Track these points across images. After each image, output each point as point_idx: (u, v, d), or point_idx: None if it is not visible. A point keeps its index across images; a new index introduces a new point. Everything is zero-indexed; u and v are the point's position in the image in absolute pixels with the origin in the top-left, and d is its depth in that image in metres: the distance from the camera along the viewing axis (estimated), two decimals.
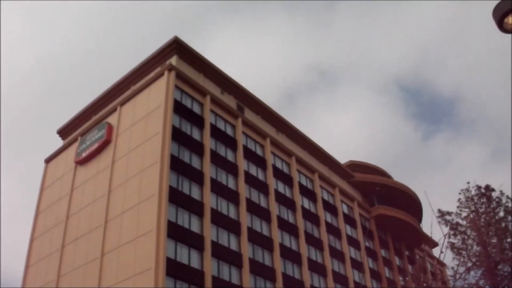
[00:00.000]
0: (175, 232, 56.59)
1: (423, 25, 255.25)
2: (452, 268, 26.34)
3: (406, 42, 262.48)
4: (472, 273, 27.48)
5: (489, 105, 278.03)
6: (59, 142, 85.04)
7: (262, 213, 73.03)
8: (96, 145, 71.34)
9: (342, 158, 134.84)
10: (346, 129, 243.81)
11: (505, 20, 14.18)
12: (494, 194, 28.39)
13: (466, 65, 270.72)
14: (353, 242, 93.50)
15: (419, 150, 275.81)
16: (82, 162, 73.10)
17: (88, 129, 75.98)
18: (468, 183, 28.94)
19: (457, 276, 25.95)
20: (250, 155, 76.72)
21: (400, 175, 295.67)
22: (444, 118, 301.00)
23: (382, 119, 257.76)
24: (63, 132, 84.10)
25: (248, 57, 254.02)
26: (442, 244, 23.27)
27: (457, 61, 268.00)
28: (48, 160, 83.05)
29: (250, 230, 68.47)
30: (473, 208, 28.56)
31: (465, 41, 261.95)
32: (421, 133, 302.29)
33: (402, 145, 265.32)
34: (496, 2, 14.06)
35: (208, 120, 70.55)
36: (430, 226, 20.84)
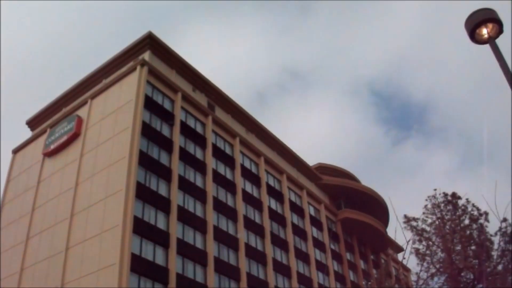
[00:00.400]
0: (141, 228, 56.35)
1: (398, 31, 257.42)
2: (416, 273, 26.47)
3: (380, 47, 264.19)
4: (435, 279, 27.65)
5: (460, 114, 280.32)
6: (27, 133, 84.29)
7: (229, 212, 72.98)
8: (65, 138, 70.83)
9: (311, 160, 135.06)
10: (316, 131, 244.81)
11: (477, 31, 14.36)
12: (460, 202, 28.60)
13: (439, 73, 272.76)
14: (318, 244, 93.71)
15: (388, 156, 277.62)
16: (50, 154, 72.53)
17: (57, 121, 75.40)
18: (435, 190, 29.14)
19: (421, 281, 26.08)
20: (219, 153, 76.64)
21: (368, 180, 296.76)
22: (415, 124, 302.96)
23: (353, 123, 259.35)
24: (32, 123, 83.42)
25: (221, 56, 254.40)
26: (405, 249, 23.42)
27: (430, 68, 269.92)
28: (15, 151, 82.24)
29: (216, 228, 68.37)
30: (439, 215, 28.74)
31: (439, 49, 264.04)
32: (391, 138, 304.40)
33: (372, 149, 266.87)
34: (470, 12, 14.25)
35: (179, 117, 70.40)
36: (394, 231, 20.97)
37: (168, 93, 71.03)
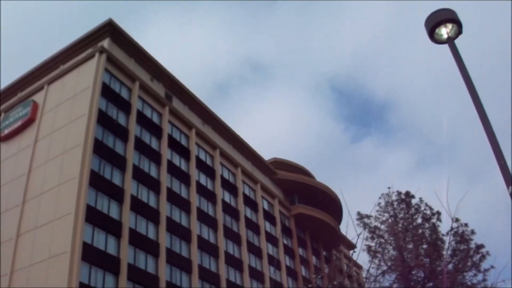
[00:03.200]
0: (94, 217, 55.94)
1: (360, 29, 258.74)
2: (367, 270, 26.57)
3: (341, 44, 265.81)
4: (386, 276, 27.79)
5: (418, 113, 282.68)
6: None
7: (182, 204, 72.81)
8: (19, 123, 69.96)
9: (269, 154, 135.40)
10: (275, 125, 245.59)
11: (436, 31, 14.45)
12: (413, 201, 28.75)
13: (399, 72, 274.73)
14: (271, 239, 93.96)
15: (346, 153, 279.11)
16: (4, 138, 71.54)
17: (12, 105, 74.41)
18: (389, 188, 29.24)
19: (371, 278, 26.19)
20: (174, 144, 76.38)
21: (325, 176, 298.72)
22: (374, 122, 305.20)
23: (312, 119, 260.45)
24: None
25: (182, 46, 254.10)
26: (356, 242, 23.51)
27: (391, 66, 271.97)
28: None
29: (169, 220, 68.17)
30: (392, 213, 28.84)
31: (400, 48, 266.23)
32: (350, 135, 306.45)
33: (330, 146, 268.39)
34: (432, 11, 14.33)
35: (135, 106, 69.99)
36: (346, 227, 21.04)
37: (126, 82, 70.60)
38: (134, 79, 71.66)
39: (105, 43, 69.32)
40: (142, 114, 71.43)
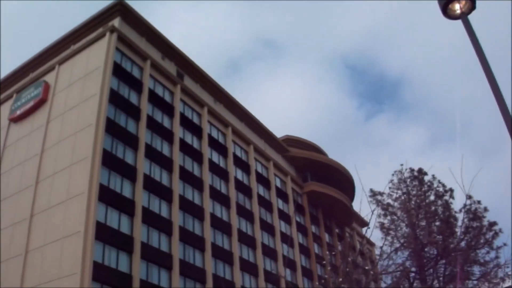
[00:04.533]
0: (106, 196, 56.10)
1: (374, 5, 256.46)
2: (380, 247, 26.58)
3: (355, 19, 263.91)
4: (399, 253, 27.81)
5: (432, 90, 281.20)
6: None
7: (195, 182, 72.89)
8: (31, 103, 70.05)
9: (282, 131, 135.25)
10: (287, 102, 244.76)
11: (450, 6, 14.28)
12: (426, 178, 28.70)
13: (413, 48, 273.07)
14: (284, 216, 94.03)
15: (360, 130, 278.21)
16: (16, 119, 71.72)
17: (24, 86, 74.49)
18: (402, 165, 29.21)
19: (384, 255, 26.21)
20: (186, 123, 76.34)
21: (337, 154, 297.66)
22: (388, 99, 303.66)
23: (325, 95, 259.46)
24: None
25: (194, 24, 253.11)
26: (370, 217, 23.48)
27: (404, 43, 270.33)
28: None
29: (182, 198, 68.27)
30: (404, 190, 28.83)
31: (413, 24, 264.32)
32: (364, 112, 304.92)
33: (343, 123, 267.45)
34: None
35: (147, 85, 69.93)
36: (360, 203, 20.99)
37: (137, 61, 70.52)
38: (146, 58, 71.56)
39: (116, 22, 69.17)
40: (153, 93, 71.37)
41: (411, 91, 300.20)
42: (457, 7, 14.17)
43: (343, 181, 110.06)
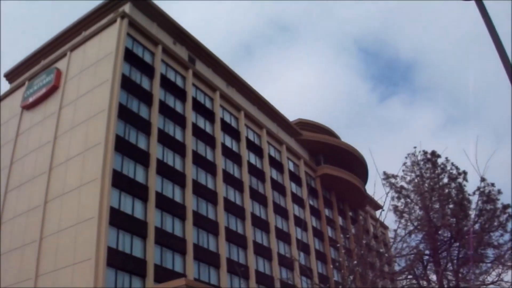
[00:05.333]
0: (120, 182, 56.33)
1: None
2: (394, 230, 26.53)
3: (368, 2, 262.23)
4: (413, 236, 27.76)
5: (446, 72, 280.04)
6: (5, 86, 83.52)
7: (208, 166, 73.03)
8: (43, 90, 70.24)
9: (294, 115, 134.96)
10: (300, 85, 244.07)
11: None
12: (439, 160, 28.59)
13: (426, 30, 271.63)
14: (297, 200, 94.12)
15: (373, 112, 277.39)
16: (28, 107, 71.95)
17: (36, 73, 74.67)
18: (415, 147, 29.09)
19: (398, 238, 26.16)
20: (199, 107, 76.36)
21: (351, 136, 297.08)
22: (402, 81, 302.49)
23: (338, 78, 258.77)
24: (11, 75, 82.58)
25: (205, 7, 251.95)
26: (384, 203, 23.45)
27: (417, 25, 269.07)
28: None
29: (195, 182, 68.44)
30: (418, 172, 28.72)
31: (427, 5, 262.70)
32: (378, 94, 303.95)
33: (357, 105, 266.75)
34: None
35: (159, 70, 69.95)
36: (374, 185, 20.96)
37: (149, 46, 70.52)
38: (157, 43, 71.55)
39: (126, 7, 69.17)
40: (165, 78, 71.41)
41: (425, 73, 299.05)
42: None
43: (356, 164, 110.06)
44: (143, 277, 54.23)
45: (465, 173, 27.66)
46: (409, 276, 27.37)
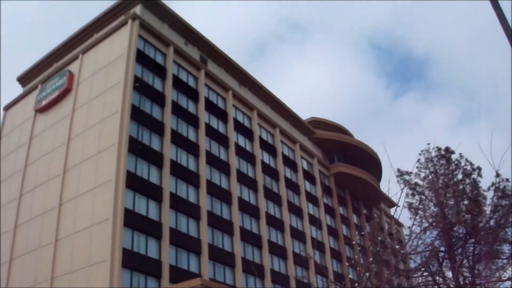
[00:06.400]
0: (134, 183, 56.46)
1: None
2: (409, 227, 26.47)
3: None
4: (428, 233, 27.68)
5: (459, 68, 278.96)
6: (19, 90, 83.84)
7: (222, 166, 73.07)
8: (56, 93, 70.49)
9: (307, 114, 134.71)
10: (313, 84, 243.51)
11: None
12: (453, 157, 28.50)
13: (439, 26, 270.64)
14: (311, 198, 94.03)
15: (387, 109, 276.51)
16: (42, 110, 72.24)
17: (48, 76, 74.96)
18: (429, 144, 29.00)
19: (413, 235, 26.08)
20: (211, 107, 76.39)
21: (365, 133, 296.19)
22: (415, 78, 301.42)
23: (352, 76, 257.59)
24: (23, 79, 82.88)
25: (216, 7, 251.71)
26: (399, 200, 23.36)
27: (431, 21, 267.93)
28: (7, 108, 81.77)
29: (209, 182, 68.50)
30: (432, 169, 28.63)
31: (440, 2, 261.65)
32: (392, 91, 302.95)
33: (371, 103, 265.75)
34: None
35: (171, 71, 70.05)
36: (388, 182, 20.89)
37: (160, 47, 70.62)
38: (168, 44, 71.63)
39: (137, 9, 69.27)
40: (178, 79, 71.48)
41: (438, 69, 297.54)
42: None
43: (369, 162, 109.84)
44: (158, 278, 54.35)
45: (479, 169, 27.58)
46: (425, 273, 27.29)
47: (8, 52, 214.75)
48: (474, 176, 27.63)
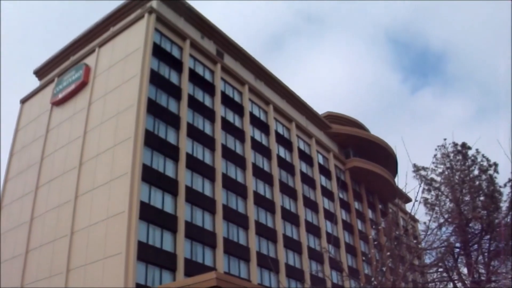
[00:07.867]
0: (150, 176, 56.58)
1: None
2: (424, 223, 26.39)
3: None
4: (443, 229, 27.60)
5: (477, 63, 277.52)
6: (35, 83, 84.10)
7: (238, 160, 73.11)
8: (73, 86, 70.68)
9: (323, 108, 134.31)
10: (330, 78, 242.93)
11: None
12: (470, 152, 28.40)
13: (457, 20, 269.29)
14: (327, 193, 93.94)
15: (404, 104, 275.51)
16: (58, 103, 72.48)
17: (65, 70, 75.15)
18: (445, 139, 28.91)
19: (429, 231, 26.00)
20: (227, 101, 76.42)
21: (381, 129, 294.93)
22: (433, 72, 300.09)
23: (369, 70, 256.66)
24: (40, 72, 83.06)
25: (233, 0, 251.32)
26: (417, 194, 23.28)
27: (448, 15, 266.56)
28: (23, 101, 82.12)
29: (225, 176, 68.54)
30: (448, 164, 28.55)
31: None
32: (409, 85, 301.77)
33: (388, 96, 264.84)
34: None
35: (187, 64, 70.06)
36: (405, 176, 20.73)
37: (177, 41, 70.66)
38: (185, 38, 71.64)
39: (154, 3, 69.23)
40: (194, 72, 71.49)
41: (456, 63, 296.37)
42: None
43: (385, 156, 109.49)
44: (173, 271, 54.50)
45: (496, 164, 27.46)
46: (440, 269, 27.25)
47: (25, 45, 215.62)
48: (491, 172, 27.54)
